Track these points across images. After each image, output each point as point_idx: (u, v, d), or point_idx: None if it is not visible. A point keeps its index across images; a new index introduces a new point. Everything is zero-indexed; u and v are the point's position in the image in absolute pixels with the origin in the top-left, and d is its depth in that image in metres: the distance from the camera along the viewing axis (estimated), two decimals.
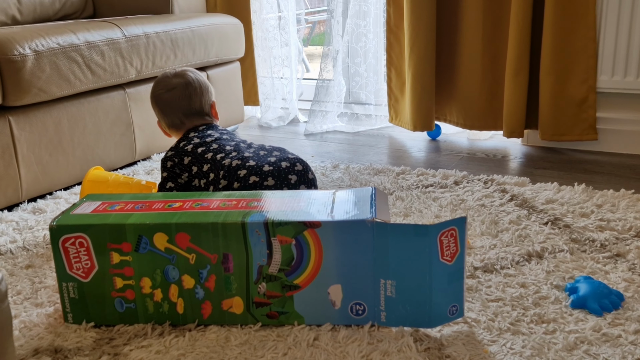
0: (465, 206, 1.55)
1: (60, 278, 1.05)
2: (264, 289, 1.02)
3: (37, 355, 0.99)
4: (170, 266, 1.03)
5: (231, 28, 2.34)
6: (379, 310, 1.01)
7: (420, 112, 2.17)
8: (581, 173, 1.83)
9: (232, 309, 1.04)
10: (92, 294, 1.05)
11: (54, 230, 1.03)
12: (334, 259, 1.00)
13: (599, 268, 1.21)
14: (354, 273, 1.00)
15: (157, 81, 1.60)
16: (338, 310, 1.02)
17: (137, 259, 1.03)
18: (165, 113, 1.57)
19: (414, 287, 0.99)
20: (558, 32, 1.90)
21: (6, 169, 1.60)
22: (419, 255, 0.97)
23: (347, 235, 0.98)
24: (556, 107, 1.97)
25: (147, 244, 1.02)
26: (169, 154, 1.48)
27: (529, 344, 0.97)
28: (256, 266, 1.01)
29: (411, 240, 0.97)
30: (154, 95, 1.59)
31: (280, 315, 1.04)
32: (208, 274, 1.03)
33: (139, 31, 1.94)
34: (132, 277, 1.04)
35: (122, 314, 1.06)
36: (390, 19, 2.24)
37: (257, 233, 1.00)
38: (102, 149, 1.88)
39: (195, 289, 1.04)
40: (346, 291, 1.01)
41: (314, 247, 1.00)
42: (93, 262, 1.04)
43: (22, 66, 1.58)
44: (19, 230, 1.50)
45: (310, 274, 1.01)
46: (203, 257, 1.02)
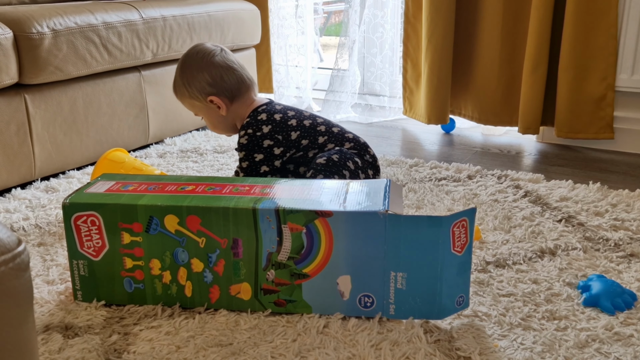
0: (478, 201, 1.54)
1: (71, 256, 1.06)
2: (273, 276, 1.02)
3: (48, 332, 0.99)
4: (180, 249, 1.03)
5: (248, 14, 2.33)
6: (388, 302, 1.01)
7: (435, 105, 2.15)
8: (596, 172, 1.82)
9: (239, 295, 1.04)
10: (101, 272, 1.06)
11: (67, 208, 1.03)
12: (345, 250, 0.99)
13: (612, 267, 1.20)
14: (364, 264, 0.99)
15: (193, 54, 1.47)
16: (346, 301, 1.02)
17: (147, 240, 1.03)
18: (225, 78, 1.44)
19: (424, 279, 0.98)
20: (579, 28, 1.88)
21: (20, 146, 1.61)
22: (431, 247, 0.97)
23: (358, 226, 0.98)
24: (573, 104, 1.95)
25: (158, 225, 1.02)
26: (265, 131, 1.39)
27: (539, 340, 0.96)
28: (265, 253, 1.01)
29: (424, 231, 0.96)
30: (204, 63, 1.44)
31: (287, 304, 1.03)
32: (217, 258, 1.03)
33: (156, 14, 1.94)
34: (142, 257, 1.04)
35: (130, 294, 1.07)
36: (409, 10, 2.22)
37: (268, 219, 0.99)
38: (116, 130, 1.89)
39: (204, 273, 1.04)
40: (355, 282, 1.01)
41: (324, 236, 0.99)
42: (104, 241, 1.04)
43: (40, 44, 1.58)
44: (32, 208, 1.51)
45: (320, 263, 1.00)
46: (213, 241, 1.02)
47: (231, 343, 0.96)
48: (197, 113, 1.53)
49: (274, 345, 0.95)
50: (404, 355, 0.92)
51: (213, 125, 1.54)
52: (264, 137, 1.42)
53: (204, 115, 1.51)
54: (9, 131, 1.57)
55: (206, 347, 0.95)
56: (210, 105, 1.47)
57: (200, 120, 2.22)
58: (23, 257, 0.45)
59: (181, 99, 1.52)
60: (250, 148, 1.43)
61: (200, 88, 1.45)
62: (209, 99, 1.46)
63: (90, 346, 0.95)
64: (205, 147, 2.02)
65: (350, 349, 0.94)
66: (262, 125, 1.43)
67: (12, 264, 0.44)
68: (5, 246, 0.44)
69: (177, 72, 1.50)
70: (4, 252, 0.44)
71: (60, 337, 0.98)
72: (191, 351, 0.94)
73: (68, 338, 0.98)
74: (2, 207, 1.51)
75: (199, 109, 1.50)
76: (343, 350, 0.94)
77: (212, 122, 1.53)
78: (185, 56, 1.49)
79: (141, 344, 0.96)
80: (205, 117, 1.52)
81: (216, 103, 1.47)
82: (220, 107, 1.48)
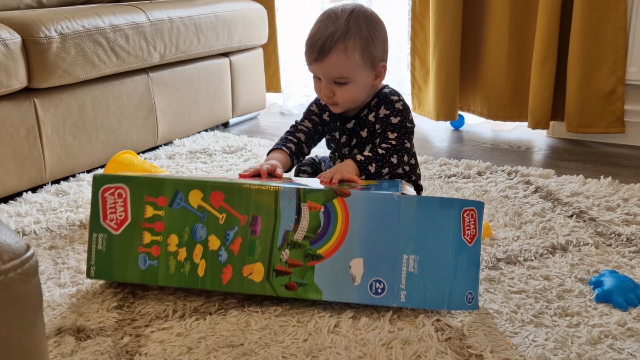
0: (489, 197, 1.53)
1: (92, 229, 1.09)
2: (287, 256, 1.03)
3: (60, 335, 1.00)
4: (200, 224, 1.06)
5: (255, 14, 2.33)
6: (399, 288, 1.01)
7: (444, 101, 2.14)
8: (607, 166, 1.80)
9: (251, 276, 1.04)
10: (119, 247, 1.08)
11: (97, 179, 1.08)
12: (360, 230, 1.01)
13: (624, 262, 1.19)
14: (378, 247, 1.01)
15: (374, 14, 1.30)
16: (357, 286, 1.02)
17: (169, 214, 1.06)
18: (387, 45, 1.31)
19: (436, 262, 1.00)
20: (588, 21, 1.87)
21: (30, 150, 1.62)
22: (443, 229, 1.00)
23: (374, 206, 1.01)
24: (583, 99, 1.94)
25: (182, 200, 1.06)
26: (407, 114, 1.29)
27: (552, 336, 0.96)
28: (282, 231, 1.03)
29: (437, 213, 1.00)
30: (384, 27, 1.31)
31: (298, 287, 1.03)
32: (234, 236, 1.05)
33: (163, 15, 1.94)
34: (161, 232, 1.07)
35: (143, 272, 1.07)
36: (416, 7, 2.21)
37: (289, 197, 1.03)
38: (125, 132, 1.89)
39: (219, 251, 1.05)
40: (367, 266, 1.01)
41: (341, 216, 1.02)
42: (127, 213, 1.08)
43: (48, 48, 1.59)
44: (43, 212, 1.52)
45: (335, 243, 1.02)
46: (233, 217, 1.05)
47: (242, 344, 0.96)
48: (346, 74, 1.26)
49: (284, 345, 0.95)
50: (415, 353, 0.92)
51: (355, 94, 1.29)
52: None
53: (358, 79, 1.27)
54: (19, 135, 1.58)
55: (217, 348, 0.95)
56: (372, 71, 1.29)
57: (208, 121, 2.23)
58: (32, 262, 0.45)
59: (343, 53, 1.24)
60: (406, 115, 1.31)
61: (382, 49, 1.29)
62: (382, 64, 1.30)
63: (102, 348, 0.96)
64: (215, 148, 2.02)
65: (361, 348, 0.94)
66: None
67: (21, 270, 0.44)
68: (14, 252, 0.44)
69: (355, 21, 1.25)
70: (13, 258, 0.44)
71: (73, 339, 0.98)
72: (202, 352, 0.94)
73: (80, 340, 0.98)
74: (13, 210, 1.52)
75: (357, 71, 1.26)
76: (354, 349, 0.94)
77: (358, 90, 1.29)
78: (367, 11, 1.29)
79: (153, 346, 0.96)
80: (356, 82, 1.27)
81: (382, 71, 1.31)
82: (378, 77, 1.31)
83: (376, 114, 1.32)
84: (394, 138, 1.28)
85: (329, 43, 1.23)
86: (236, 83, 2.32)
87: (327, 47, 1.23)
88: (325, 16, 1.28)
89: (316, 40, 1.25)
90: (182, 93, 2.09)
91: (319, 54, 1.25)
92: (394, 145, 1.27)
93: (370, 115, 1.33)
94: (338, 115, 1.38)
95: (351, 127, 1.36)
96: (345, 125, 1.37)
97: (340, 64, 1.24)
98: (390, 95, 1.32)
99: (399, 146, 1.27)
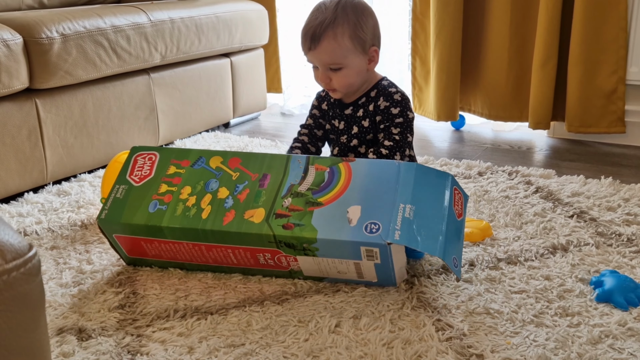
0: (489, 197, 1.53)
1: (117, 181, 1.19)
2: (289, 203, 1.09)
3: (62, 335, 1.00)
4: (214, 180, 1.15)
5: (255, 14, 2.33)
6: (393, 228, 1.02)
7: (445, 101, 2.15)
8: (608, 166, 1.80)
9: (252, 218, 1.09)
10: (135, 196, 1.16)
11: (134, 148, 1.22)
12: (360, 185, 1.09)
13: (625, 262, 1.19)
14: (376, 197, 1.07)
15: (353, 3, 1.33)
16: (353, 227, 1.04)
17: (189, 172, 1.17)
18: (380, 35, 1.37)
19: (430, 215, 1.05)
20: (588, 21, 1.87)
21: (32, 150, 1.62)
22: (438, 193, 1.08)
23: (376, 169, 1.10)
24: (584, 99, 1.94)
25: (203, 162, 1.18)
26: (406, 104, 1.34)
27: (552, 336, 0.96)
28: (288, 184, 1.12)
29: (433, 179, 1.09)
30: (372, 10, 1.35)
31: (295, 227, 1.06)
32: (243, 188, 1.13)
33: (164, 16, 1.95)
34: (178, 185, 1.16)
35: (150, 215, 1.13)
36: (417, 7, 2.21)
37: (299, 162, 1.14)
38: (126, 132, 1.90)
39: (227, 199, 1.12)
40: (365, 212, 1.05)
41: (344, 175, 1.11)
42: (152, 171, 1.19)
43: (49, 49, 1.59)
44: (44, 212, 1.52)
45: (336, 193, 1.09)
46: (245, 174, 1.15)
47: (243, 344, 0.96)
48: (338, 59, 1.31)
49: (285, 345, 0.96)
50: (416, 353, 0.92)
51: (351, 79, 1.33)
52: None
53: (350, 63, 1.31)
54: (20, 136, 1.59)
55: (218, 347, 0.95)
56: (365, 55, 1.33)
57: (209, 121, 2.23)
58: (34, 262, 0.45)
59: (333, 39, 1.29)
60: (405, 105, 1.34)
61: (372, 34, 1.33)
62: (373, 48, 1.34)
63: (104, 348, 0.96)
64: (215, 149, 2.02)
65: (362, 347, 0.94)
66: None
67: (24, 269, 0.44)
68: (16, 251, 0.45)
69: (342, 9, 1.31)
70: (15, 258, 0.44)
71: (74, 339, 0.98)
72: (204, 352, 0.94)
73: (82, 340, 0.99)
74: (15, 211, 1.52)
75: (349, 55, 1.31)
76: (355, 349, 0.94)
77: (352, 75, 1.33)
78: (355, 1, 1.34)
79: (154, 346, 0.97)
80: (349, 67, 1.32)
81: (374, 55, 1.35)
82: (371, 62, 1.35)
83: (375, 105, 1.36)
84: (397, 133, 1.32)
85: (319, 31, 1.30)
86: (237, 83, 2.33)
87: (318, 35, 1.30)
88: (315, 8, 1.35)
89: (308, 30, 1.33)
90: (183, 93, 2.09)
91: (311, 43, 1.32)
92: (397, 142, 1.32)
93: (370, 106, 1.36)
94: (337, 103, 1.41)
95: (349, 114, 1.39)
96: (344, 112, 1.40)
97: (331, 50, 1.30)
98: (388, 87, 1.37)
99: (401, 141, 1.32)
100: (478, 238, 1.29)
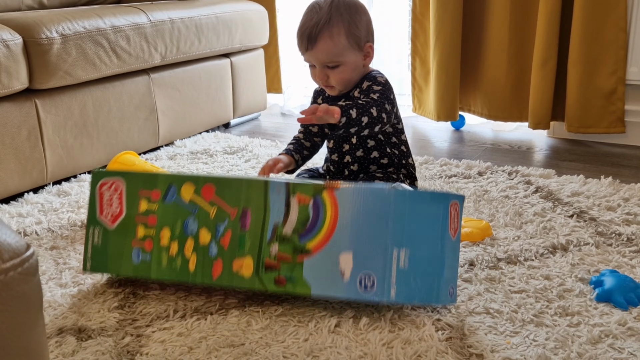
0: (489, 197, 1.53)
1: (90, 222, 1.12)
2: (276, 251, 1.03)
3: (61, 335, 1.00)
4: (191, 218, 1.07)
5: (255, 15, 2.33)
6: (389, 284, 0.97)
7: (445, 102, 2.15)
8: (608, 166, 1.80)
9: (241, 270, 1.04)
10: (114, 241, 1.11)
11: (96, 174, 1.13)
12: (349, 223, 0.99)
13: (625, 262, 1.19)
14: (368, 240, 0.98)
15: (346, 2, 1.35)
16: (346, 283, 0.99)
17: (162, 208, 1.09)
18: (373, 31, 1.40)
19: (426, 257, 0.99)
20: (588, 21, 1.87)
21: (32, 151, 1.62)
22: (433, 223, 0.99)
23: (364, 200, 0.99)
24: (584, 99, 1.94)
25: (175, 193, 1.09)
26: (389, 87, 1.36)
27: (552, 336, 0.96)
28: (272, 225, 1.03)
29: (427, 206, 0.99)
30: (365, 8, 1.38)
31: (287, 282, 1.02)
32: (225, 230, 1.05)
33: (164, 16, 1.95)
34: (154, 226, 1.09)
35: (136, 266, 1.09)
36: (416, 7, 2.21)
37: (278, 190, 1.03)
38: (126, 133, 1.90)
39: (210, 245, 1.06)
40: (357, 260, 0.98)
41: (330, 209, 1.00)
42: (122, 207, 1.11)
43: (49, 49, 1.59)
44: (44, 212, 1.52)
45: (324, 237, 1.00)
46: (223, 211, 1.06)
47: (243, 343, 0.96)
48: (335, 57, 1.34)
49: (285, 345, 0.96)
50: (416, 353, 0.92)
51: (348, 74, 1.37)
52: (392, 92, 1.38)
53: (347, 60, 1.35)
54: (20, 136, 1.59)
55: (218, 347, 0.95)
56: (360, 52, 1.37)
57: (209, 122, 2.23)
58: (32, 261, 0.45)
59: (329, 39, 1.32)
60: (388, 87, 1.36)
61: (366, 31, 1.37)
62: (368, 44, 1.38)
63: (103, 348, 0.96)
64: (215, 149, 2.02)
65: (362, 347, 0.94)
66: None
67: (21, 269, 0.44)
68: (14, 251, 0.45)
69: (336, 9, 1.34)
70: (13, 257, 0.44)
71: (74, 339, 0.98)
72: (203, 352, 0.94)
73: (81, 341, 0.99)
74: (15, 211, 1.52)
75: (345, 53, 1.34)
76: (355, 349, 0.94)
77: (349, 71, 1.36)
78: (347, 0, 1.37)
79: (154, 346, 0.96)
80: (346, 64, 1.35)
81: (369, 51, 1.38)
82: (367, 57, 1.39)
83: (360, 88, 1.40)
84: (376, 92, 1.34)
85: (315, 31, 1.33)
86: (237, 84, 2.33)
87: (314, 36, 1.33)
88: (309, 8, 1.37)
89: (304, 30, 1.35)
90: (183, 94, 2.09)
91: (308, 43, 1.34)
92: (375, 100, 1.32)
93: (355, 92, 1.40)
94: (330, 97, 1.46)
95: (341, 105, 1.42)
96: (336, 103, 1.39)
97: (328, 49, 1.34)
98: (374, 73, 1.41)
99: (379, 101, 1.32)
100: (478, 238, 1.29)
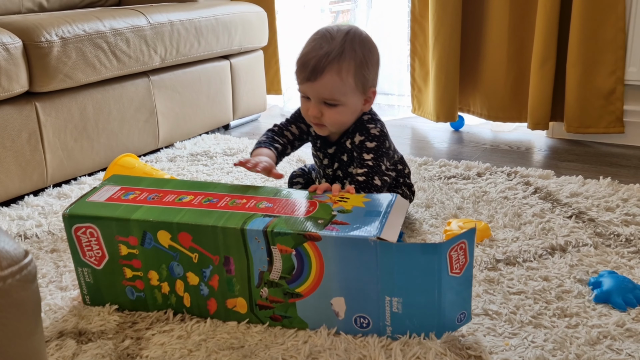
0: (488, 198, 1.53)
1: (76, 263, 1.08)
2: (267, 294, 1.00)
3: (62, 338, 1.00)
4: (175, 262, 1.03)
5: (255, 16, 2.34)
6: (384, 324, 0.97)
7: (444, 102, 2.15)
8: (607, 166, 1.80)
9: (236, 308, 1.03)
10: (105, 280, 1.08)
11: (67, 219, 1.05)
12: (336, 273, 0.95)
13: (623, 263, 1.19)
14: (358, 288, 0.95)
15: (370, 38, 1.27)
16: (342, 320, 0.99)
17: (144, 253, 1.03)
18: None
19: (421, 303, 0.94)
20: (587, 22, 1.87)
21: (32, 154, 1.63)
22: (427, 273, 0.91)
23: (349, 250, 0.93)
24: (583, 99, 1.94)
25: (152, 240, 1.02)
26: (385, 131, 1.29)
27: (550, 337, 0.96)
28: (257, 272, 0.99)
29: (418, 259, 0.91)
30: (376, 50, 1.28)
31: (283, 319, 1.02)
32: (211, 273, 1.02)
33: (163, 19, 1.95)
34: (140, 269, 1.05)
35: (133, 302, 1.08)
36: (415, 8, 2.22)
37: (257, 240, 0.96)
38: (126, 135, 1.90)
39: (200, 286, 1.03)
40: (350, 304, 0.97)
41: (315, 259, 0.95)
42: (104, 251, 1.05)
43: (49, 52, 1.60)
44: (45, 215, 1.53)
45: (312, 284, 0.97)
46: (205, 257, 1.01)
47: (242, 346, 0.97)
48: (338, 95, 1.23)
49: (285, 347, 0.96)
50: (415, 355, 0.92)
51: (344, 117, 1.27)
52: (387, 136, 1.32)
53: (348, 101, 1.25)
54: (20, 139, 1.59)
55: (218, 350, 0.96)
56: (363, 95, 1.27)
57: (208, 123, 2.23)
58: (30, 268, 0.46)
59: (337, 74, 1.21)
60: (382, 140, 1.28)
61: (374, 74, 1.28)
62: (372, 89, 1.28)
63: (103, 351, 0.96)
64: (215, 150, 2.03)
65: (361, 350, 0.95)
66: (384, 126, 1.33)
67: (19, 276, 0.44)
68: (12, 258, 0.45)
69: (350, 42, 1.22)
70: (11, 264, 0.44)
71: (74, 342, 0.99)
72: (203, 355, 0.95)
73: (81, 344, 0.99)
74: (15, 214, 1.52)
75: (348, 93, 1.24)
76: (354, 351, 0.94)
77: (347, 113, 1.27)
78: (362, 34, 1.27)
79: (154, 348, 0.97)
80: (346, 104, 1.25)
81: (371, 97, 1.29)
82: (367, 102, 1.29)
83: (352, 140, 1.30)
84: (370, 159, 1.24)
85: (323, 63, 1.20)
86: (237, 85, 2.33)
87: (321, 67, 1.20)
88: (319, 35, 1.24)
89: (309, 59, 1.21)
90: (183, 96, 2.10)
91: (311, 74, 1.21)
92: (371, 167, 1.23)
93: (347, 142, 1.32)
94: (322, 138, 1.36)
95: (332, 152, 1.36)
96: (327, 150, 1.36)
97: (332, 85, 1.21)
98: (367, 123, 1.30)
99: (376, 167, 1.24)
100: (477, 239, 1.29)
